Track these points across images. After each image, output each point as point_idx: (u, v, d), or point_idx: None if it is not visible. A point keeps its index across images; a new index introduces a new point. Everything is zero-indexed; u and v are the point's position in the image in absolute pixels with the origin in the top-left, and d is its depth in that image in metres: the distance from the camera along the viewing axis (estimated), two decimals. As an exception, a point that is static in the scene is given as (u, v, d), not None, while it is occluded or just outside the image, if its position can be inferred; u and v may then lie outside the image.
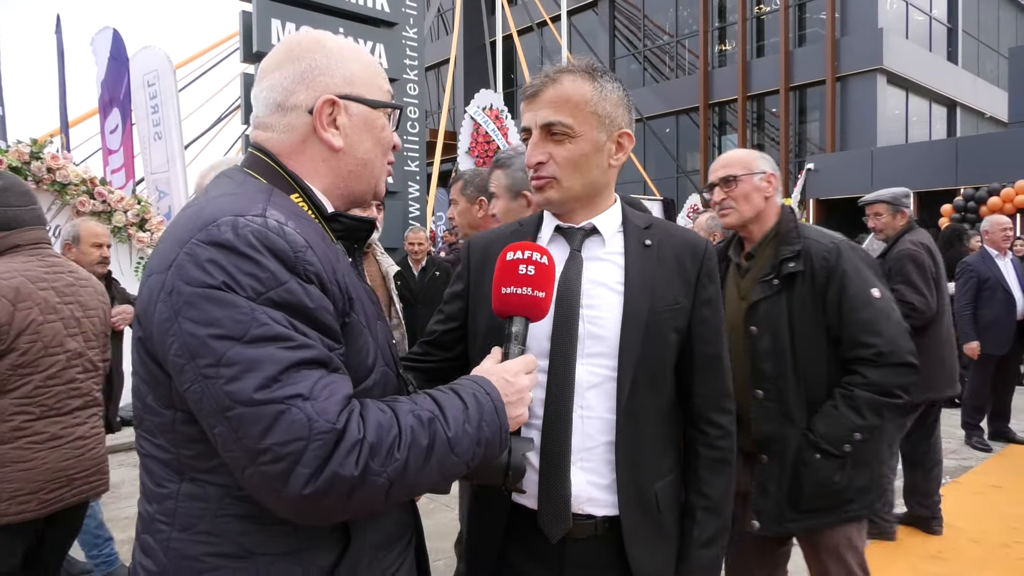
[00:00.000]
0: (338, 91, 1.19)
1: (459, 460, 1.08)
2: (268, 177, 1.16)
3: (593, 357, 1.44)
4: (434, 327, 1.68)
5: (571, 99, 1.44)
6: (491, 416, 1.14)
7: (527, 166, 1.49)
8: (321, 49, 1.20)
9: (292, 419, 0.93)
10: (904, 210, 4.21)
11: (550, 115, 1.44)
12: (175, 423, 1.05)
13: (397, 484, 1.01)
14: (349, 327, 1.10)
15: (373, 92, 1.23)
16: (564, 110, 1.44)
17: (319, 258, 1.04)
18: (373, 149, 1.24)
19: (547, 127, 1.45)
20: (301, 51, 1.19)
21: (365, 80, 1.22)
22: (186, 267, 0.98)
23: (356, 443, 0.97)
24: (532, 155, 1.47)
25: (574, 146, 1.45)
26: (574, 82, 1.45)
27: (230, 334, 0.94)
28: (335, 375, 1.01)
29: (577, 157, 1.45)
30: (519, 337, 1.28)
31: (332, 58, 1.20)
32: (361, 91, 1.21)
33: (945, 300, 4.09)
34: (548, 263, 1.30)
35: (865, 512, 2.29)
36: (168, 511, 1.07)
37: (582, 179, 1.48)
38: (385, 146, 1.27)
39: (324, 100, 1.17)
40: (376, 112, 1.24)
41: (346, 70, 1.20)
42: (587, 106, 1.45)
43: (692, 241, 1.55)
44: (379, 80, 1.25)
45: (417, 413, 1.06)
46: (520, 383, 1.22)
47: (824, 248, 2.19)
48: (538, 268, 1.28)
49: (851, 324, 2.14)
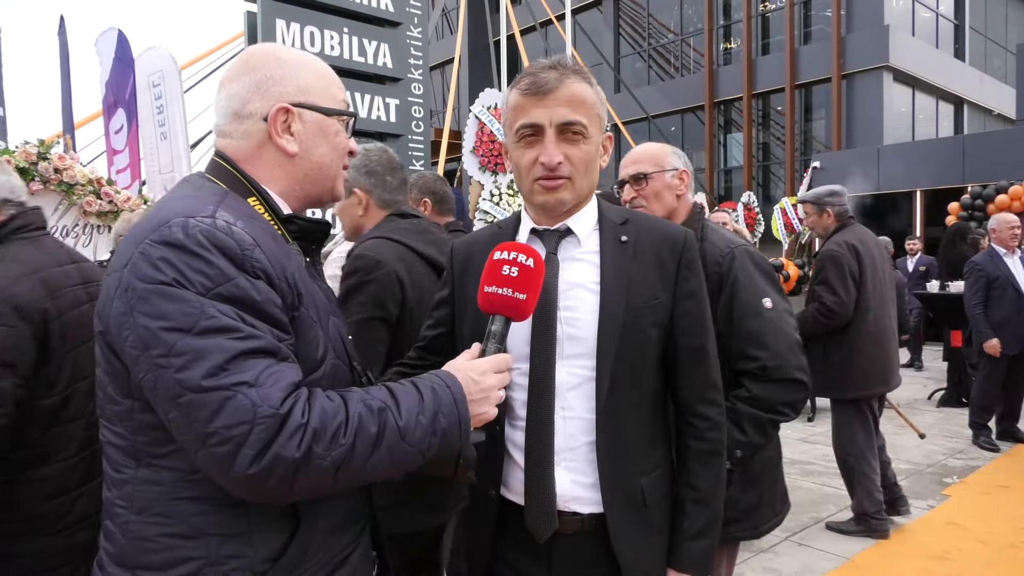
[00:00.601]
0: (292, 99, 1.26)
1: (411, 449, 1.13)
2: (226, 181, 1.24)
3: (572, 359, 1.45)
4: (425, 332, 1.70)
5: (585, 99, 1.45)
6: (449, 409, 1.17)
7: (543, 164, 1.43)
8: (275, 60, 1.27)
9: (237, 404, 1.00)
10: (829, 209, 4.27)
11: (568, 114, 1.43)
12: (132, 411, 1.11)
13: (344, 469, 1.06)
14: (298, 320, 1.17)
15: (327, 100, 1.30)
16: (580, 110, 1.44)
17: (267, 256, 1.11)
18: (328, 154, 1.31)
19: (565, 126, 1.43)
20: (256, 62, 1.27)
21: (318, 89, 1.29)
22: (139, 265, 1.05)
23: (299, 427, 1.03)
24: (549, 155, 1.43)
25: (587, 147, 1.46)
26: (580, 83, 1.46)
27: (180, 326, 1.01)
28: (283, 364, 1.07)
29: (589, 158, 1.47)
30: (497, 336, 1.31)
31: (286, 68, 1.27)
32: (315, 99, 1.28)
33: (873, 297, 4.12)
34: (534, 265, 1.31)
35: (749, 534, 2.19)
36: (126, 495, 1.13)
37: (589, 181, 1.49)
38: (340, 151, 1.33)
39: (278, 108, 1.24)
40: (330, 119, 1.30)
41: (300, 80, 1.27)
42: (593, 107, 1.46)
43: (671, 233, 1.54)
44: (333, 89, 1.32)
45: (368, 403, 1.12)
46: (486, 382, 1.25)
47: (719, 253, 2.08)
48: (522, 270, 1.30)
49: (738, 334, 2.01)
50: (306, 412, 1.05)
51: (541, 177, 1.45)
